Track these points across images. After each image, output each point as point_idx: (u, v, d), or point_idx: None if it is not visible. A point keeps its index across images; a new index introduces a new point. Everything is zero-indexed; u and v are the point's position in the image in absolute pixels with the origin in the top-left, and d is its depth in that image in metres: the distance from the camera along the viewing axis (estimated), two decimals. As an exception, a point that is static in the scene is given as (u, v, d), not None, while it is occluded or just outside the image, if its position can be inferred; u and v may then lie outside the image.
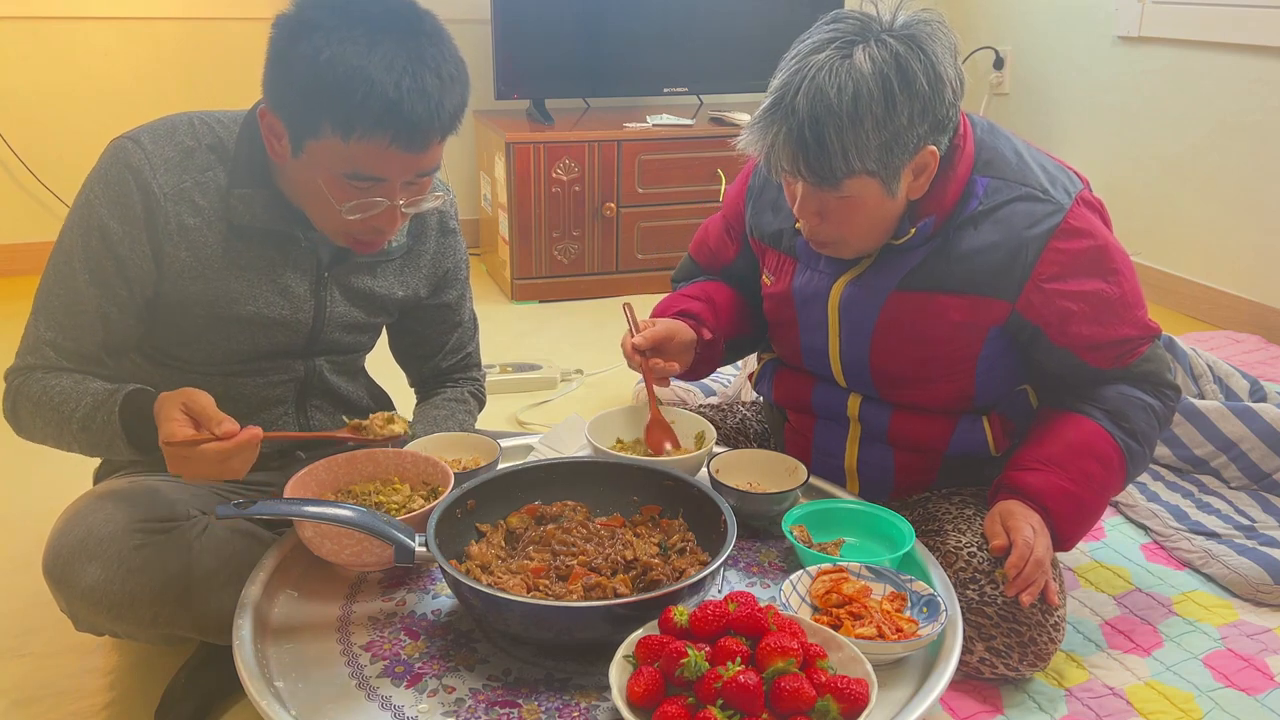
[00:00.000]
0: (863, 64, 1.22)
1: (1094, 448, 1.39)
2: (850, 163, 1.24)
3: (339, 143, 1.15)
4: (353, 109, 1.13)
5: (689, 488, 1.26)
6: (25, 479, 2.01)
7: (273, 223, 1.29)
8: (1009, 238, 1.35)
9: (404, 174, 1.21)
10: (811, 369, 1.54)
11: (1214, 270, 3.08)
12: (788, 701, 0.93)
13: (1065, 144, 3.53)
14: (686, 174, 3.23)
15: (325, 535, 1.16)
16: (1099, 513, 1.44)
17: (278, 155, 1.23)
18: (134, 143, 1.26)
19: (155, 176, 1.25)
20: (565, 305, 3.20)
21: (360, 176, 1.19)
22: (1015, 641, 1.34)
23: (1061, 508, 1.38)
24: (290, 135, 1.19)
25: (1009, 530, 1.35)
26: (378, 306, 1.44)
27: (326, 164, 1.18)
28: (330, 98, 1.13)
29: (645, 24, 3.32)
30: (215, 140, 1.29)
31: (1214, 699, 1.42)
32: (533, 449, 1.56)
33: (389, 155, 1.17)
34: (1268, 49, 2.82)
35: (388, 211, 1.23)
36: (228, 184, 1.27)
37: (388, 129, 1.14)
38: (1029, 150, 1.42)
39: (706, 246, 1.69)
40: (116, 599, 1.22)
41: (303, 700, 1.03)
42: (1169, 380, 1.44)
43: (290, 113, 1.18)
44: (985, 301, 1.37)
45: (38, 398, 1.25)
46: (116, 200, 1.24)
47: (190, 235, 1.27)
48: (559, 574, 1.16)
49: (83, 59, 3.20)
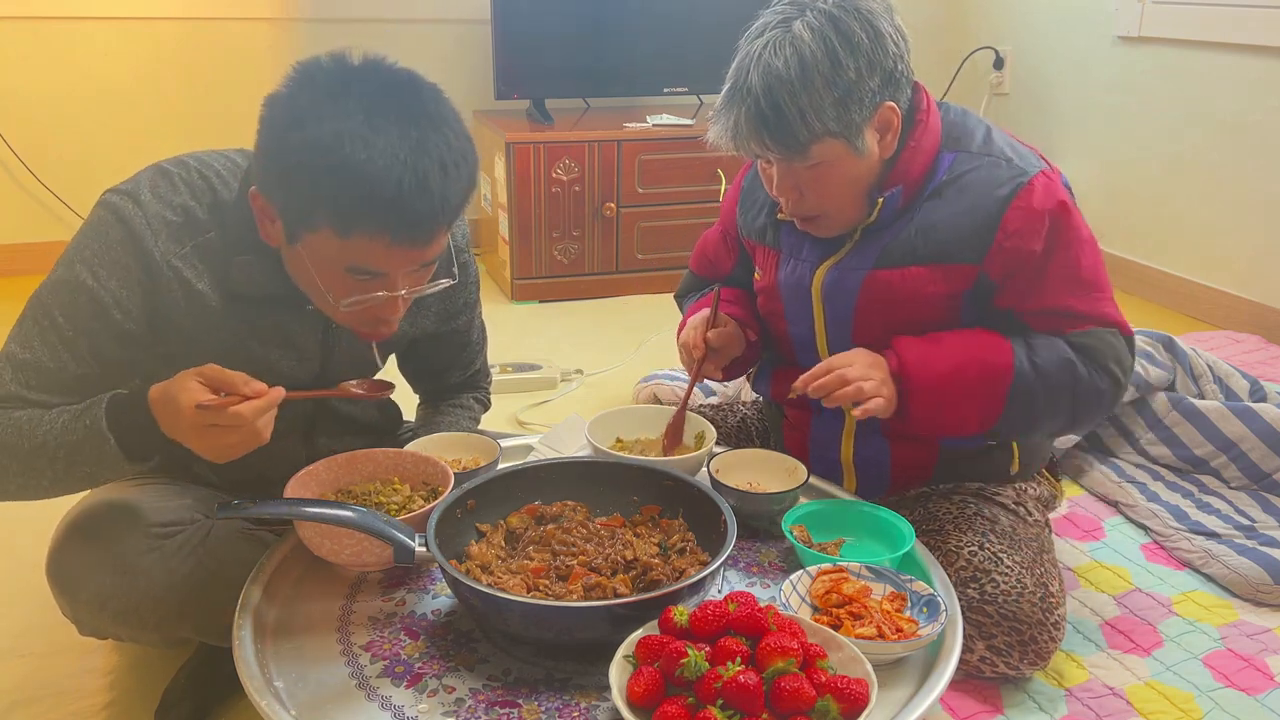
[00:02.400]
0: (802, 33, 1.28)
1: (986, 349, 1.36)
2: (811, 125, 1.28)
3: (336, 239, 1.09)
4: (351, 208, 1.06)
5: (689, 488, 1.26)
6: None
7: (275, 289, 1.23)
8: (974, 203, 1.36)
9: (405, 267, 1.14)
10: (803, 361, 1.55)
11: (1214, 270, 3.08)
12: (788, 701, 0.93)
13: (1065, 144, 3.53)
14: (686, 174, 3.23)
15: (325, 535, 1.16)
16: (957, 410, 1.37)
17: (271, 238, 1.16)
18: (132, 201, 1.18)
19: (157, 241, 1.17)
20: (565, 305, 3.20)
21: (360, 271, 1.12)
22: (1015, 641, 1.35)
23: (917, 373, 1.35)
24: (285, 224, 1.13)
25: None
26: (386, 346, 1.43)
27: (323, 258, 1.12)
28: (327, 194, 1.06)
29: (645, 24, 3.32)
30: (214, 200, 1.22)
31: (1214, 699, 1.42)
32: (533, 449, 1.56)
33: (389, 252, 1.10)
34: (1268, 49, 2.82)
35: (389, 302, 1.17)
36: (225, 251, 1.21)
37: (388, 229, 1.07)
38: (1000, 133, 1.43)
39: (706, 259, 1.72)
40: (121, 604, 1.22)
41: (303, 700, 1.03)
42: (1109, 366, 1.37)
43: (285, 202, 1.11)
44: (955, 269, 1.38)
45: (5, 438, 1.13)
46: (114, 263, 1.17)
47: (196, 300, 1.21)
48: (559, 574, 1.16)
49: (83, 59, 3.20)
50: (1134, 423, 2.09)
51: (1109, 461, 2.05)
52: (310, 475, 1.27)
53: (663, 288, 3.17)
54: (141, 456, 1.13)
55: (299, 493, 1.24)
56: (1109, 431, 2.11)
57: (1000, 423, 1.38)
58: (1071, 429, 1.45)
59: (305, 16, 3.35)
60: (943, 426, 1.41)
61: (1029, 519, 1.52)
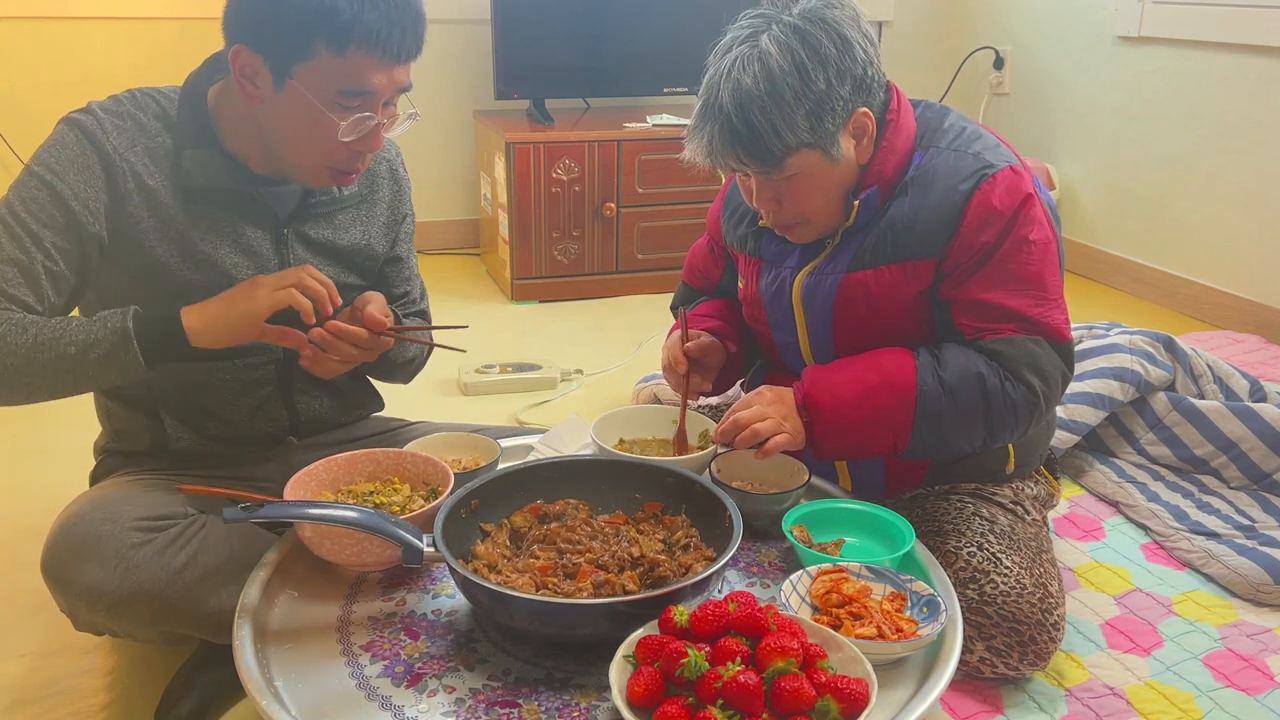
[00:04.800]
0: (769, 47, 1.29)
1: (889, 364, 1.36)
2: (784, 138, 1.29)
3: (333, 59, 1.21)
4: (348, 21, 1.20)
5: (691, 485, 1.26)
6: (24, 479, 2.02)
7: (225, 181, 1.32)
8: (938, 198, 1.36)
9: (390, 87, 1.27)
10: (791, 366, 1.56)
11: (1214, 270, 3.08)
12: (788, 701, 0.93)
13: (1065, 144, 3.53)
14: (686, 174, 3.18)
15: (325, 536, 1.16)
16: (863, 430, 1.36)
17: (251, 96, 1.26)
18: (84, 113, 1.30)
19: (109, 139, 1.28)
20: (565, 305, 3.20)
21: (352, 91, 1.24)
22: (1015, 641, 1.35)
23: (822, 401, 1.35)
24: (272, 67, 1.23)
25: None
26: (343, 259, 1.45)
27: (318, 85, 1.23)
28: (324, 16, 1.19)
29: (645, 24, 3.32)
30: (159, 110, 1.33)
31: (1214, 699, 1.42)
32: (533, 449, 1.57)
33: (378, 68, 1.24)
34: (1268, 49, 2.82)
35: (375, 130, 1.28)
36: (175, 147, 1.30)
37: (381, 38, 1.21)
38: (976, 129, 1.43)
39: (696, 269, 1.74)
40: (115, 598, 1.22)
41: (303, 700, 1.03)
42: (1024, 375, 1.34)
43: (277, 41, 1.22)
44: (921, 265, 1.38)
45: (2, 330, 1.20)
46: (72, 161, 1.26)
47: (150, 196, 1.29)
48: (566, 572, 1.16)
49: (83, 59, 3.20)
50: (1134, 423, 2.09)
51: (1109, 461, 2.05)
52: (310, 475, 1.27)
53: (663, 288, 3.17)
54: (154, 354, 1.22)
55: (299, 493, 1.24)
56: (1109, 431, 2.11)
57: (912, 442, 1.37)
58: (990, 442, 1.40)
59: (305, 16, 3.35)
60: (854, 451, 1.40)
61: (1027, 518, 1.52)
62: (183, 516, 1.29)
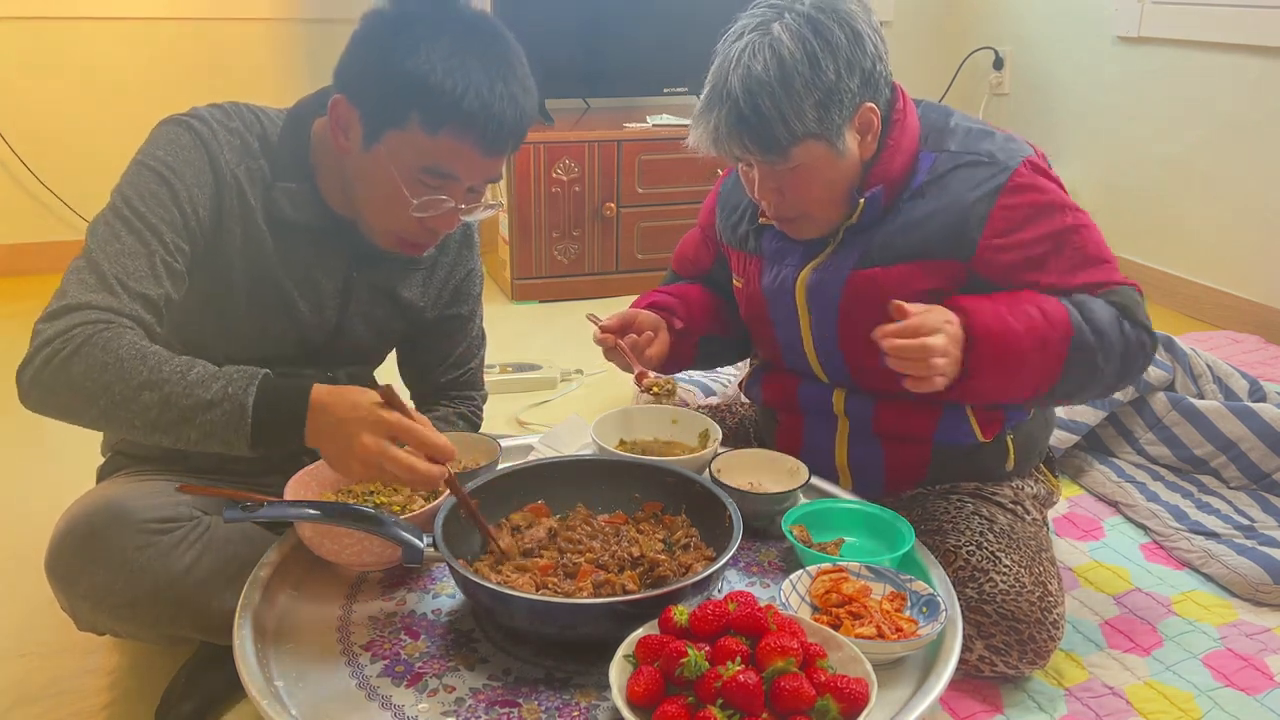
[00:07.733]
0: (781, 35, 1.29)
1: (1043, 303, 1.33)
2: (791, 127, 1.29)
3: (423, 136, 1.18)
4: (448, 103, 1.16)
5: (691, 484, 1.26)
6: (27, 478, 2.02)
7: (311, 219, 1.31)
8: (956, 200, 1.36)
9: (476, 177, 1.24)
10: (792, 366, 1.55)
11: (1214, 270, 3.08)
12: (787, 701, 0.93)
13: (1065, 144, 3.54)
14: (686, 174, 3.23)
15: (326, 535, 1.16)
16: (1023, 365, 1.30)
17: (342, 147, 1.25)
18: (197, 119, 1.26)
19: (223, 151, 1.26)
20: (565, 305, 3.20)
21: (436, 173, 1.21)
22: (1014, 640, 1.35)
23: (986, 323, 1.29)
24: (365, 126, 1.21)
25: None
26: (398, 312, 1.45)
27: (403, 157, 1.21)
28: (426, 89, 1.16)
29: (645, 24, 3.32)
30: (262, 132, 1.30)
31: (1213, 699, 1.43)
32: (533, 449, 1.57)
33: (469, 156, 1.21)
34: (1268, 49, 2.82)
35: (449, 213, 1.25)
36: (270, 177, 1.29)
37: (476, 128, 1.18)
38: (980, 125, 1.43)
39: (686, 258, 1.74)
40: (118, 599, 1.22)
41: (303, 700, 1.03)
42: (1144, 321, 1.35)
43: (374, 102, 1.20)
44: (941, 265, 1.38)
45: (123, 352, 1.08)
46: (189, 163, 1.23)
47: (246, 216, 1.28)
48: (566, 572, 1.16)
49: (83, 59, 3.20)
50: (1134, 422, 2.09)
51: (1109, 461, 2.05)
52: (310, 475, 1.27)
53: (663, 288, 3.17)
54: (266, 444, 1.10)
55: (299, 493, 1.24)
56: (1108, 431, 2.11)
57: (1060, 381, 1.33)
58: (1117, 386, 1.39)
59: (305, 16, 3.35)
60: (1000, 389, 1.34)
61: (1026, 518, 1.52)
62: (188, 519, 1.28)
